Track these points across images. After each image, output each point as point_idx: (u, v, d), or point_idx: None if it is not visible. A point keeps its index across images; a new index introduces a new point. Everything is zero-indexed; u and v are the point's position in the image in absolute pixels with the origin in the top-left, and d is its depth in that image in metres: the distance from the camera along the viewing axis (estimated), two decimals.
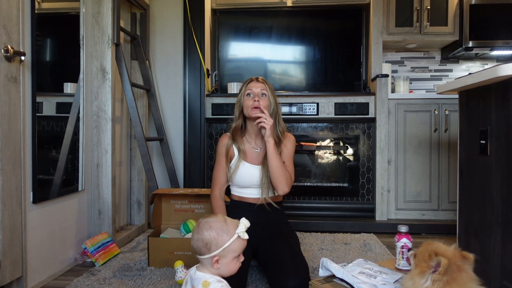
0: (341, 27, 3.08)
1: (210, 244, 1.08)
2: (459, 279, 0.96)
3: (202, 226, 1.11)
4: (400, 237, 1.48)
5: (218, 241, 1.08)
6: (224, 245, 1.08)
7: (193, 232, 1.13)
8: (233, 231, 1.11)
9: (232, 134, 1.81)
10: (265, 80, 1.79)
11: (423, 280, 0.99)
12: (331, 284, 1.34)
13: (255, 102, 1.71)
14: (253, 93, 1.74)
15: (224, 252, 1.09)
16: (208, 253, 1.08)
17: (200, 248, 1.09)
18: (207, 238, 1.08)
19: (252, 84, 1.77)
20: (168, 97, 2.90)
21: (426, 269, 0.99)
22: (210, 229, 1.09)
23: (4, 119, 1.45)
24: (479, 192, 1.50)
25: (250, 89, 1.75)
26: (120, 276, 1.78)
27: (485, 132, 1.44)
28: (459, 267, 0.97)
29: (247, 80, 1.81)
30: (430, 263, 0.98)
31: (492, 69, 1.29)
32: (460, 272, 0.97)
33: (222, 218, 1.14)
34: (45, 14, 1.80)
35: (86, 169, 2.10)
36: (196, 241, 1.10)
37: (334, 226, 2.63)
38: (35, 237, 1.67)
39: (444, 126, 2.63)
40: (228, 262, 1.11)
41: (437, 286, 0.96)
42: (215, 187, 1.82)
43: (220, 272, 1.11)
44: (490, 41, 2.84)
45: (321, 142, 2.84)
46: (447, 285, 0.95)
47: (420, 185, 2.67)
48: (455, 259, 0.98)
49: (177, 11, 2.86)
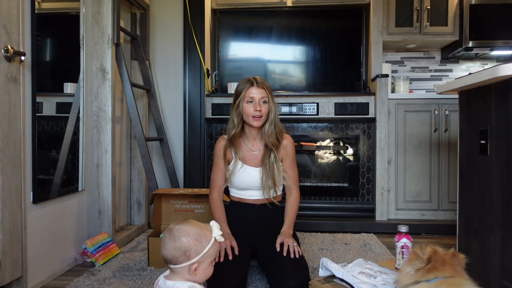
0: (341, 27, 3.09)
1: (190, 251, 1.03)
2: (441, 269, 1.01)
3: (179, 233, 1.05)
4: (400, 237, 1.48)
5: (197, 247, 1.04)
6: (203, 250, 1.04)
7: (164, 241, 1.06)
8: (209, 235, 1.07)
9: (230, 140, 1.75)
10: (263, 82, 1.72)
11: (409, 268, 1.06)
12: (331, 284, 1.34)
13: (256, 111, 1.66)
14: (254, 100, 1.67)
15: (203, 258, 1.05)
16: (186, 261, 1.03)
17: (177, 257, 1.03)
18: (186, 245, 1.03)
19: (252, 90, 1.68)
20: (168, 97, 2.90)
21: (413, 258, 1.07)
22: (187, 236, 1.04)
23: (4, 119, 1.45)
24: (479, 192, 1.50)
25: (251, 96, 1.67)
26: (120, 276, 1.78)
27: (485, 132, 1.44)
28: (444, 261, 1.02)
29: (246, 83, 1.71)
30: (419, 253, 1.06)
31: (492, 69, 1.29)
32: (444, 265, 1.02)
33: (195, 223, 1.09)
34: (45, 14, 1.80)
35: (86, 169, 2.10)
36: (172, 250, 1.03)
37: (334, 226, 2.63)
38: (35, 237, 1.67)
39: (444, 126, 2.63)
40: (206, 268, 1.07)
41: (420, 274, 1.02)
42: (214, 190, 1.80)
43: (197, 279, 1.07)
44: (490, 41, 2.84)
45: (321, 142, 2.84)
46: (429, 272, 1.01)
47: (420, 185, 2.67)
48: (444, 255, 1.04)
49: (177, 11, 2.86)
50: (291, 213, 1.74)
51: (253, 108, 1.67)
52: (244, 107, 1.69)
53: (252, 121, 1.69)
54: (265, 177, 1.71)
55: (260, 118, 1.68)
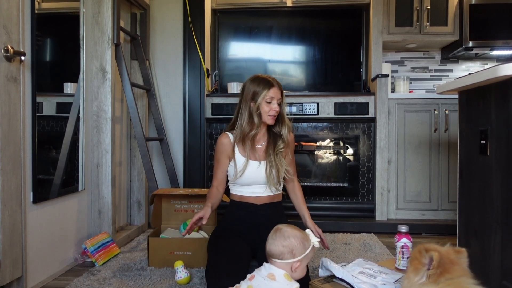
0: (341, 27, 3.08)
1: (296, 250, 1.21)
2: (452, 271, 0.97)
3: (288, 234, 1.23)
4: (400, 237, 1.48)
5: (301, 249, 1.22)
6: (305, 252, 1.22)
7: (275, 237, 1.24)
8: (309, 240, 1.26)
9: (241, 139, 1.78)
10: (279, 83, 1.78)
11: (418, 277, 1.00)
12: (331, 284, 1.34)
13: (273, 111, 1.74)
14: (272, 100, 1.74)
15: (304, 258, 1.23)
16: (291, 258, 1.21)
17: (284, 253, 1.21)
18: (294, 245, 1.22)
19: (274, 91, 1.73)
20: (168, 97, 2.90)
21: (419, 266, 1.00)
22: (296, 238, 1.23)
23: (4, 119, 1.45)
24: (479, 192, 1.50)
25: (271, 96, 1.73)
26: (120, 276, 1.78)
27: (485, 132, 1.44)
28: (452, 261, 0.99)
29: (266, 84, 1.74)
30: (423, 260, 0.99)
31: (492, 69, 1.29)
32: (453, 265, 0.98)
33: (298, 229, 1.28)
34: (45, 14, 1.80)
35: (86, 169, 2.10)
36: (281, 246, 1.21)
37: (334, 226, 2.63)
38: (35, 237, 1.67)
39: (444, 126, 2.63)
40: (303, 268, 1.25)
41: (432, 279, 0.97)
42: (214, 183, 1.84)
43: (295, 276, 1.24)
44: (490, 41, 2.84)
45: (321, 142, 2.84)
46: (441, 276, 0.97)
47: (420, 185, 2.67)
48: (448, 254, 1.00)
49: (177, 11, 2.86)
50: (303, 204, 1.89)
51: (271, 108, 1.74)
52: (263, 106, 1.74)
53: (268, 119, 1.76)
54: (269, 168, 1.76)
55: (275, 117, 1.78)
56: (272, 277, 1.18)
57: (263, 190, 1.78)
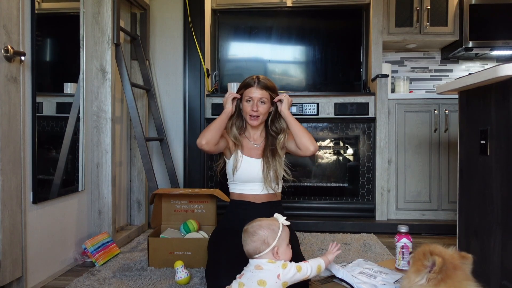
0: (341, 27, 3.08)
1: (267, 238, 1.24)
2: (454, 276, 0.96)
3: (253, 229, 1.26)
4: (400, 237, 1.48)
5: (272, 234, 1.25)
6: (277, 235, 1.24)
7: (245, 238, 1.27)
8: (277, 223, 1.28)
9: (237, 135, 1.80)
10: (266, 83, 1.75)
11: (418, 278, 1.00)
12: (331, 284, 1.34)
13: (253, 111, 1.73)
14: (252, 100, 1.74)
15: (279, 241, 1.25)
16: (267, 247, 1.23)
17: (259, 247, 1.24)
18: (263, 235, 1.24)
19: (252, 90, 1.73)
20: (168, 97, 2.90)
21: (421, 267, 1.00)
22: (261, 228, 1.26)
23: (4, 119, 1.45)
24: (479, 192, 1.50)
25: (250, 96, 1.74)
26: (120, 276, 1.78)
27: (485, 132, 1.44)
28: (455, 266, 0.98)
29: (247, 82, 1.76)
30: (425, 262, 0.99)
31: (492, 69, 1.29)
32: (455, 270, 0.97)
33: (262, 218, 1.31)
34: (45, 14, 1.80)
35: (86, 169, 2.10)
36: (253, 242, 1.24)
37: (334, 226, 2.63)
38: (35, 237, 1.67)
39: (444, 126, 2.63)
40: (285, 250, 1.27)
41: (432, 283, 0.97)
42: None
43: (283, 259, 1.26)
44: (490, 41, 2.84)
45: (321, 142, 2.84)
46: (441, 282, 0.96)
47: (420, 185, 2.67)
48: (452, 259, 0.99)
49: (177, 11, 2.85)
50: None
51: (251, 108, 1.74)
52: (243, 106, 1.77)
53: (249, 119, 1.77)
54: (266, 169, 1.75)
55: (258, 118, 1.76)
56: (259, 268, 1.22)
57: (261, 188, 1.79)
